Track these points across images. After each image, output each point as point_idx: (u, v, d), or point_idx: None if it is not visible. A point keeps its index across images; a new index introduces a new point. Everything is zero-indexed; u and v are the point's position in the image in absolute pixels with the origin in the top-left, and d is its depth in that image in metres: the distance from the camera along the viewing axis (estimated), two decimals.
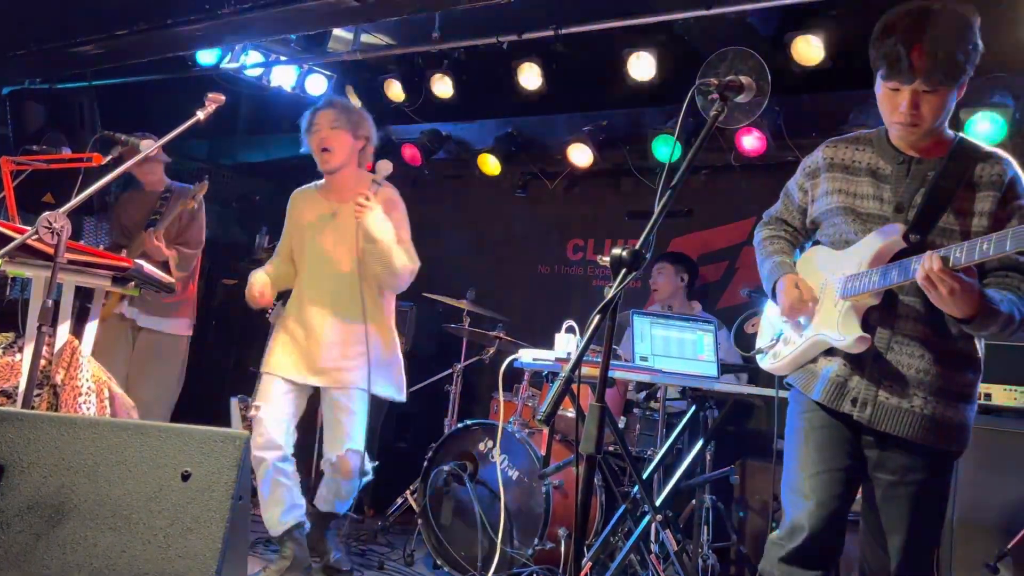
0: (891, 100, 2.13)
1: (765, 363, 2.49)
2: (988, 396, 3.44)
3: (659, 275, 4.97)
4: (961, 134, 2.24)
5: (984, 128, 4.01)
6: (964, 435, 2.21)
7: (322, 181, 3.78)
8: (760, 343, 2.53)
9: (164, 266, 4.29)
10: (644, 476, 3.58)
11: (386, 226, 3.45)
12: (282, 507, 3.52)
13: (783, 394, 2.47)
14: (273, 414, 3.51)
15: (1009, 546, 3.18)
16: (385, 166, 3.53)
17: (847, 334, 2.19)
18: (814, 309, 2.31)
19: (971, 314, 2.00)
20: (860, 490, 2.30)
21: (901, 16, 2.11)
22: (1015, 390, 3.41)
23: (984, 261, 1.95)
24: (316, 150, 3.62)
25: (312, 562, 3.65)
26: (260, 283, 3.64)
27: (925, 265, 1.98)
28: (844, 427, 2.24)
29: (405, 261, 3.53)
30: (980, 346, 2.23)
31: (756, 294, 4.23)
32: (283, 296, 3.97)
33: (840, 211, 2.29)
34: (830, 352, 2.28)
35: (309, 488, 3.97)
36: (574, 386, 2.46)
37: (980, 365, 2.22)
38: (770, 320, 2.53)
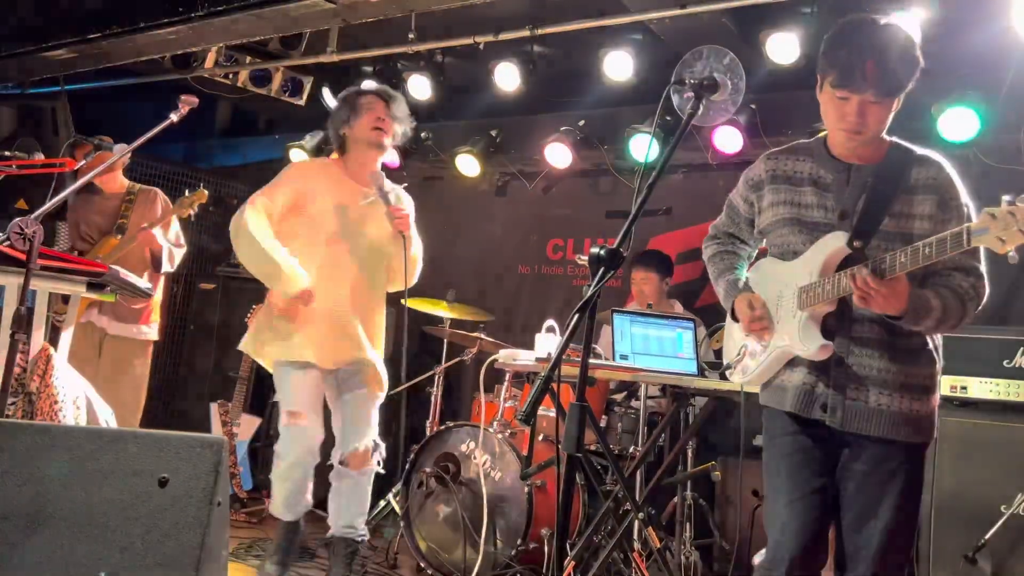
0: (839, 108, 2.19)
1: (735, 378, 2.53)
2: (964, 389, 3.47)
3: (645, 284, 4.84)
4: (895, 138, 2.30)
5: (957, 123, 4.04)
6: (931, 425, 2.26)
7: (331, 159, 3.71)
8: (727, 359, 2.57)
9: (154, 261, 4.30)
10: (626, 474, 3.59)
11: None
12: None
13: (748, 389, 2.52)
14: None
15: (986, 537, 3.22)
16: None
17: (810, 344, 2.23)
18: (772, 322, 2.36)
19: (902, 310, 2.08)
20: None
21: (853, 27, 2.19)
22: (991, 382, 3.44)
23: (928, 264, 1.99)
24: (372, 124, 3.57)
25: None
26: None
27: (856, 282, 2.05)
28: (815, 444, 2.28)
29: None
30: (934, 339, 2.28)
31: None
32: None
33: (787, 222, 2.34)
34: (794, 363, 2.32)
35: None
36: (555, 385, 2.47)
37: (936, 356, 2.28)
38: (733, 336, 2.56)
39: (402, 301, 3.72)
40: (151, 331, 4.45)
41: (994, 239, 1.84)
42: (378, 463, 3.57)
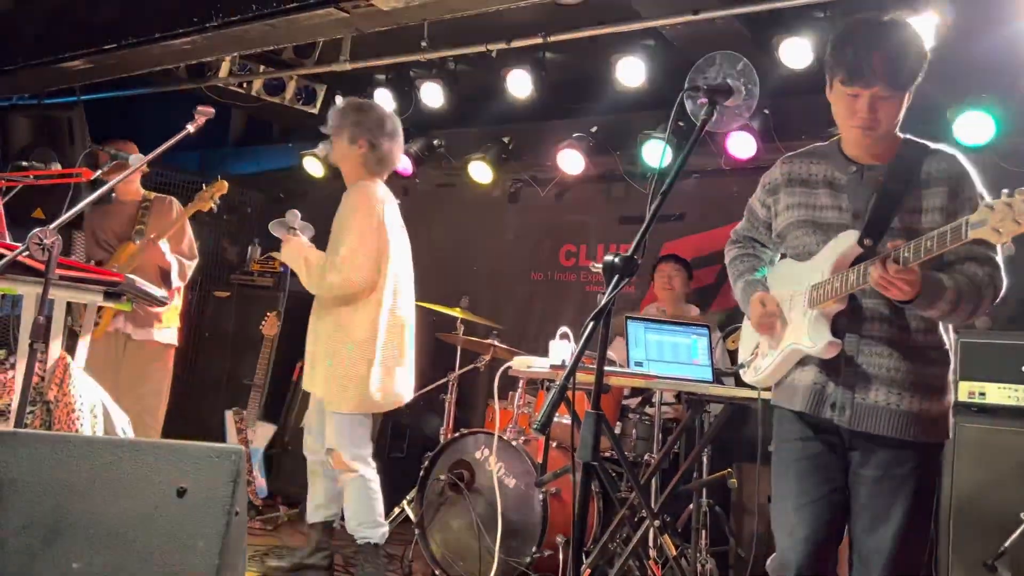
0: (850, 105, 2.20)
1: (748, 376, 2.53)
2: (982, 395, 3.45)
3: (675, 277, 4.87)
4: (907, 135, 2.30)
5: (973, 127, 4.02)
6: (943, 425, 2.25)
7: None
8: (742, 357, 2.58)
9: (163, 275, 4.30)
10: (641, 481, 3.58)
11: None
12: None
13: (765, 394, 2.52)
14: None
15: (1006, 544, 3.19)
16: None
17: (818, 341, 2.23)
18: (780, 321, 2.36)
19: (915, 294, 2.06)
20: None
21: (860, 24, 2.21)
22: (1010, 388, 3.42)
23: (933, 257, 1.98)
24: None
25: None
26: None
27: (879, 271, 2.03)
28: (825, 449, 2.28)
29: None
30: (947, 338, 2.27)
31: None
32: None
33: (802, 224, 2.35)
34: (805, 362, 2.32)
35: None
36: (570, 393, 2.48)
37: (948, 356, 2.27)
38: (748, 334, 2.57)
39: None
40: (163, 335, 4.42)
41: (990, 231, 1.84)
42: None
